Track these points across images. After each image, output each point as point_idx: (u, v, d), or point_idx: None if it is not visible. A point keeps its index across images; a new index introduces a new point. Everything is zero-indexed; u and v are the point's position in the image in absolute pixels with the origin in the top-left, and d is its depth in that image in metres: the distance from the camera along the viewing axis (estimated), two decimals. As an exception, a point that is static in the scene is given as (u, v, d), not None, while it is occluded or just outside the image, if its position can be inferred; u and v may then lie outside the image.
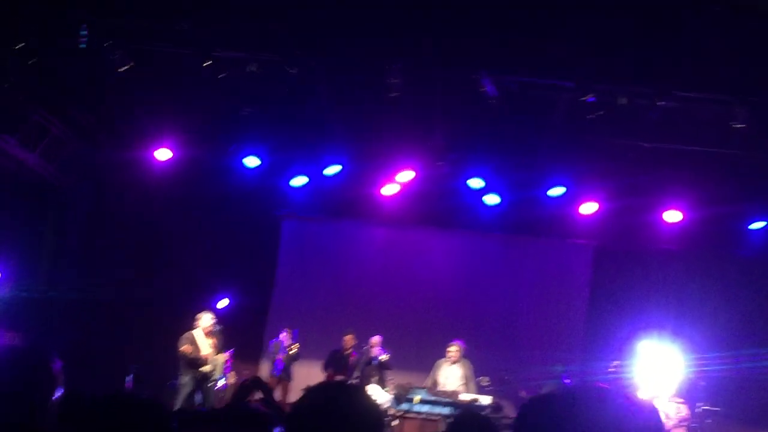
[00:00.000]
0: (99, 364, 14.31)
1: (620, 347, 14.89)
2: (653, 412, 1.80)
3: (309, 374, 15.26)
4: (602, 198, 15.27)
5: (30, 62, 12.42)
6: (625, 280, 16.10)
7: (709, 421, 13.53)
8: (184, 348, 13.40)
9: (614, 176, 14.82)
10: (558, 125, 13.45)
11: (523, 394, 14.13)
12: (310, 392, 2.39)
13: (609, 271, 16.39)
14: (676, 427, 13.22)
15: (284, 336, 14.96)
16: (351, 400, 2.32)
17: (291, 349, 14.87)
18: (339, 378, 14.24)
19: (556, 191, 15.11)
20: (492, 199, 15.59)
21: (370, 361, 14.44)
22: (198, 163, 15.65)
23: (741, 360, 14.61)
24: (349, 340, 14.97)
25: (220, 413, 3.03)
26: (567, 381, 14.38)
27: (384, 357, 14.31)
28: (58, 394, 2.50)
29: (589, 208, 15.41)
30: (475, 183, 15.28)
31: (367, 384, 14.01)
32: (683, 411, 13.26)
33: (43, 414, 2.45)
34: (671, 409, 13.27)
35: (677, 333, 14.83)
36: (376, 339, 14.57)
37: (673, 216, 15.21)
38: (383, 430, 2.38)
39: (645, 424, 1.77)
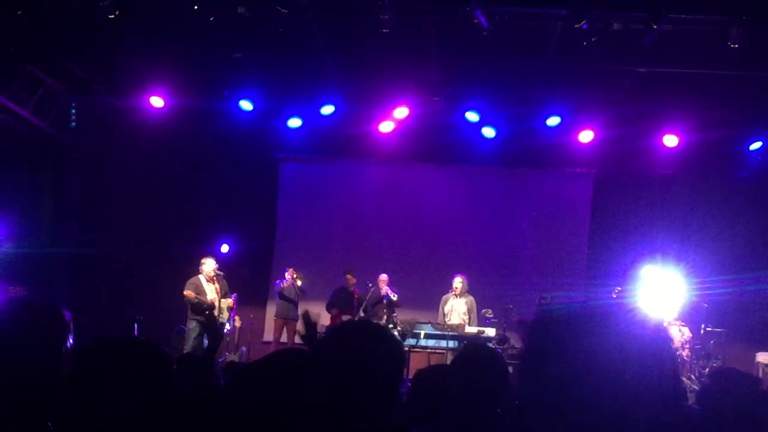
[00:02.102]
0: (105, 316, 14.40)
1: (623, 273, 15.00)
2: (660, 331, 1.80)
3: (314, 314, 15.40)
4: (599, 125, 15.21)
5: (18, 13, 12.30)
6: (626, 207, 16.11)
7: (713, 341, 13.70)
8: (188, 293, 13.49)
9: (611, 103, 14.70)
10: (552, 54, 13.34)
11: (515, 318, 14.28)
12: (333, 332, 2.43)
13: (610, 199, 16.41)
14: (679, 349, 13.38)
15: (289, 274, 15.07)
16: (375, 338, 2.36)
17: (298, 279, 14.98)
18: (345, 317, 14.37)
19: (553, 121, 15.05)
20: (488, 132, 15.54)
21: (381, 299, 14.56)
22: (194, 110, 15.59)
23: (744, 282, 14.70)
24: (350, 278, 15.09)
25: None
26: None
27: (395, 297, 14.45)
28: (70, 341, 2.53)
29: (586, 136, 15.37)
30: (471, 117, 15.22)
31: (374, 321, 14.13)
32: (686, 333, 13.44)
33: (59, 361, 2.48)
34: (675, 333, 13.43)
35: (680, 257, 14.91)
36: (384, 277, 14.69)
37: (671, 140, 15.18)
38: (404, 366, 2.43)
39: (652, 343, 1.77)
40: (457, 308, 14.40)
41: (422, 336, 13.76)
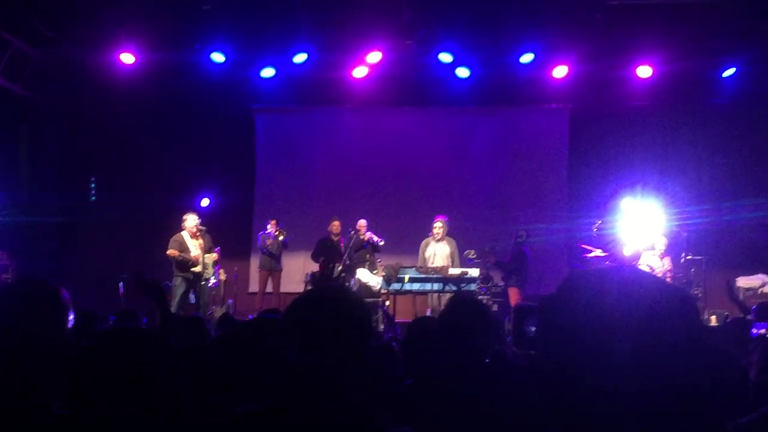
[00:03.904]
0: (91, 277, 14.45)
1: (603, 205, 15.12)
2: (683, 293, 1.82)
3: (298, 264, 15.49)
4: (573, 60, 15.17)
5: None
6: (603, 140, 16.16)
7: (694, 270, 13.90)
8: (171, 252, 13.49)
9: (583, 37, 14.67)
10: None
11: (491, 260, 14.31)
12: (301, 300, 2.57)
13: (587, 132, 16.42)
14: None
15: (271, 226, 15.07)
16: (338, 302, 2.48)
17: (280, 234, 14.99)
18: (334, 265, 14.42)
19: (526, 58, 15.01)
20: (463, 73, 15.49)
21: (362, 245, 14.58)
22: (165, 64, 15.37)
23: (721, 210, 14.84)
24: (336, 226, 15.06)
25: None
26: (526, 249, 14.49)
27: (382, 242, 14.45)
28: (71, 321, 2.57)
29: (560, 71, 15.36)
30: (445, 58, 15.16)
31: (357, 268, 14.21)
32: (667, 263, 13.62)
33: (61, 341, 2.52)
34: (655, 263, 13.61)
35: (659, 188, 15.03)
36: (363, 222, 14.68)
37: (645, 72, 15.18)
38: (371, 322, 2.59)
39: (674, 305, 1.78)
40: (439, 252, 14.40)
41: (407, 280, 13.79)
